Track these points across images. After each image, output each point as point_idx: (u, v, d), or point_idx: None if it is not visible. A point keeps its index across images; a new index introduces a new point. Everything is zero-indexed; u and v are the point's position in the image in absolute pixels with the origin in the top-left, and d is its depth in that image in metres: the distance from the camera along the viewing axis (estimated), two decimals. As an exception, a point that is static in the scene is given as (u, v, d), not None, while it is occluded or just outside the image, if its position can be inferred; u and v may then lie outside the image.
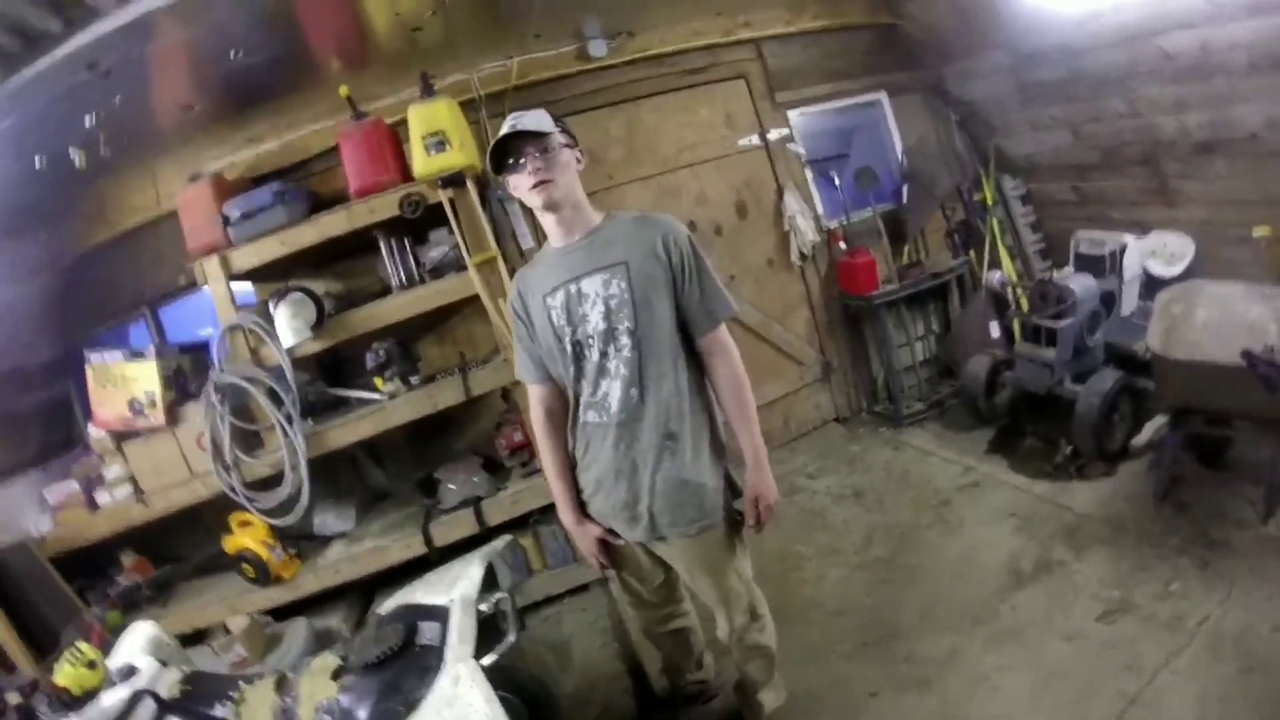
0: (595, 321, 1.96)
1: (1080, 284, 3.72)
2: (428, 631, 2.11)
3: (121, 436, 3.46)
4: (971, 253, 4.92)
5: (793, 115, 4.72)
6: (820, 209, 4.80)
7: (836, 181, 4.72)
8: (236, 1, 2.58)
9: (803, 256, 4.71)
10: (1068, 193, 4.77)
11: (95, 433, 3.49)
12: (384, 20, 3.18)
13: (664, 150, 4.48)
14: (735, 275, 4.61)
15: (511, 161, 1.92)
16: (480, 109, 3.87)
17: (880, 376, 4.94)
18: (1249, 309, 2.93)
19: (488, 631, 2.18)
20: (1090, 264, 3.97)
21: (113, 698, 2.00)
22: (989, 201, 4.91)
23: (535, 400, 2.18)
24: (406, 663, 2.03)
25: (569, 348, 2.00)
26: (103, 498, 3.49)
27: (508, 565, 3.58)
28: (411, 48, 3.45)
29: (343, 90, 3.34)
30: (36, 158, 2.96)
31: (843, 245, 4.71)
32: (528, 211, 3.77)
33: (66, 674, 2.04)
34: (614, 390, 1.99)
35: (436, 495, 3.68)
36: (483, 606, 2.26)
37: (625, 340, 1.95)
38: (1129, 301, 3.99)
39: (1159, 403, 3.34)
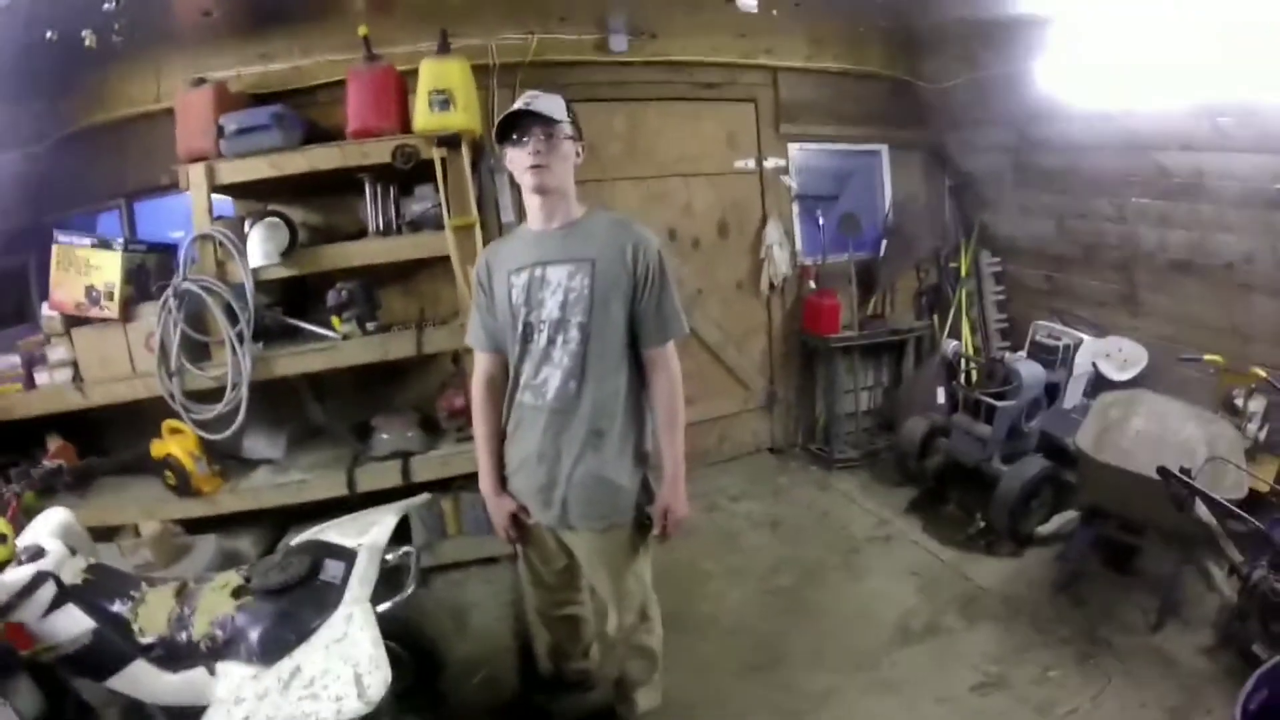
0: (550, 308, 2.06)
1: (1028, 369, 3.88)
2: (332, 569, 2.18)
3: (73, 321, 3.45)
4: (936, 317, 5.12)
5: (793, 148, 4.88)
6: (799, 244, 4.97)
7: (820, 221, 4.90)
8: None
9: (771, 286, 4.87)
10: (1041, 280, 4.98)
11: (47, 312, 3.47)
12: None
13: (661, 155, 4.60)
14: (704, 290, 4.75)
15: (516, 137, 2.01)
16: (492, 77, 3.95)
17: (822, 417, 5.10)
18: (1183, 428, 3.09)
19: (390, 581, 2.28)
20: (1043, 353, 4.16)
21: (16, 575, 2.03)
22: (964, 272, 5.11)
23: (480, 368, 2.29)
24: (306, 595, 2.10)
25: (520, 327, 2.10)
26: (41, 377, 3.48)
27: (424, 523, 3.73)
28: (438, 2, 3.56)
29: (361, 29, 3.40)
30: (49, 31, 2.99)
31: (812, 284, 4.88)
32: (514, 186, 3.82)
33: None
34: (553, 378, 2.09)
35: (369, 442, 3.75)
36: (389, 557, 2.35)
37: (575, 333, 2.06)
38: (1072, 396, 4.18)
39: (1079, 498, 3.47)
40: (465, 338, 2.36)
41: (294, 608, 2.06)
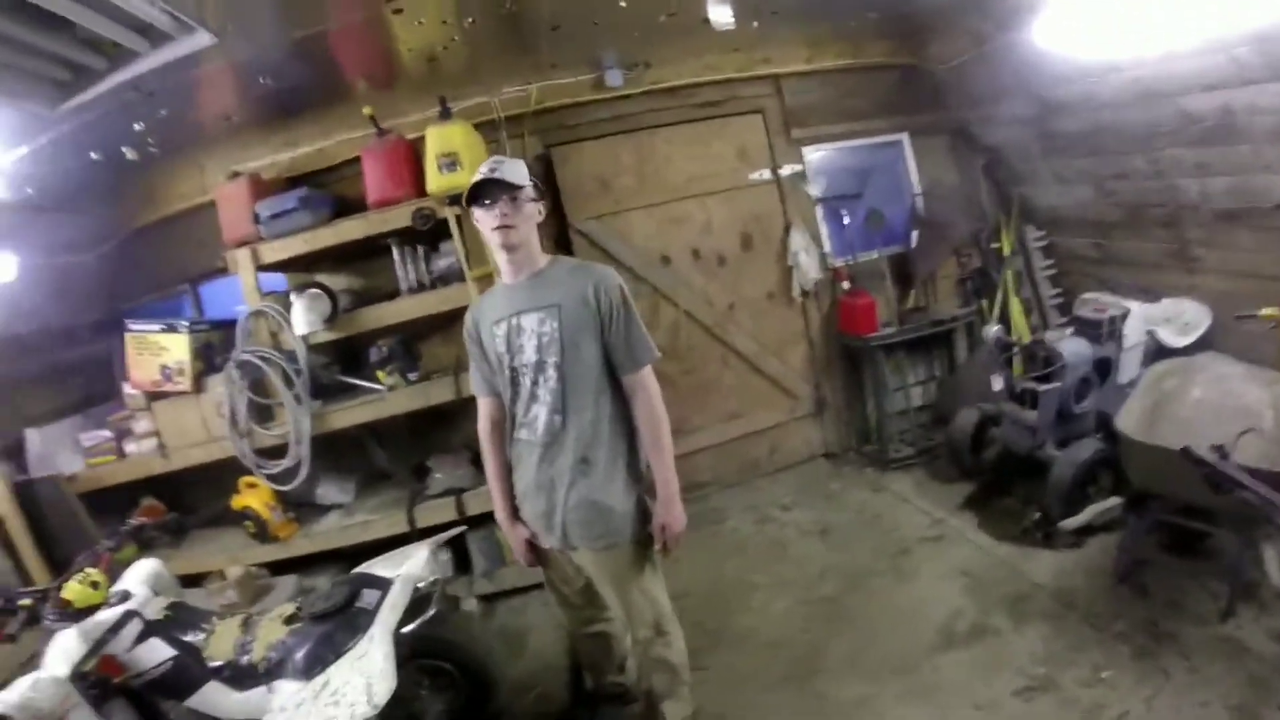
0: (529, 353, 2.38)
1: (1071, 348, 3.81)
2: (369, 597, 2.59)
3: (152, 396, 4.07)
4: (984, 302, 5.12)
5: (808, 152, 5.02)
6: (827, 246, 5.08)
7: (846, 220, 5.02)
8: (266, 40, 3.09)
9: (803, 293, 5.01)
10: (1090, 249, 4.90)
11: (129, 390, 4.11)
12: (406, 50, 3.63)
13: (673, 180, 4.84)
14: (734, 305, 4.96)
15: (483, 200, 2.34)
16: (500, 130, 4.33)
17: (873, 417, 5.18)
18: (1246, 391, 2.97)
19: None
20: (1088, 327, 4.07)
21: (107, 614, 2.51)
22: (1005, 251, 5.09)
23: (483, 412, 2.64)
24: (345, 620, 2.51)
25: (507, 373, 2.44)
26: (130, 448, 4.12)
27: (482, 553, 4.09)
28: (436, 71, 3.90)
29: (366, 110, 3.84)
30: (93, 154, 3.56)
31: (845, 284, 4.98)
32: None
33: (73, 590, 2.51)
34: (541, 414, 2.40)
35: (426, 481, 4.17)
36: (421, 585, 2.70)
37: (552, 373, 2.36)
38: (1130, 370, 4.03)
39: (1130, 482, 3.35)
40: (470, 387, 2.70)
41: (334, 631, 2.49)
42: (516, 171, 2.34)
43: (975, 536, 3.92)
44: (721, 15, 3.98)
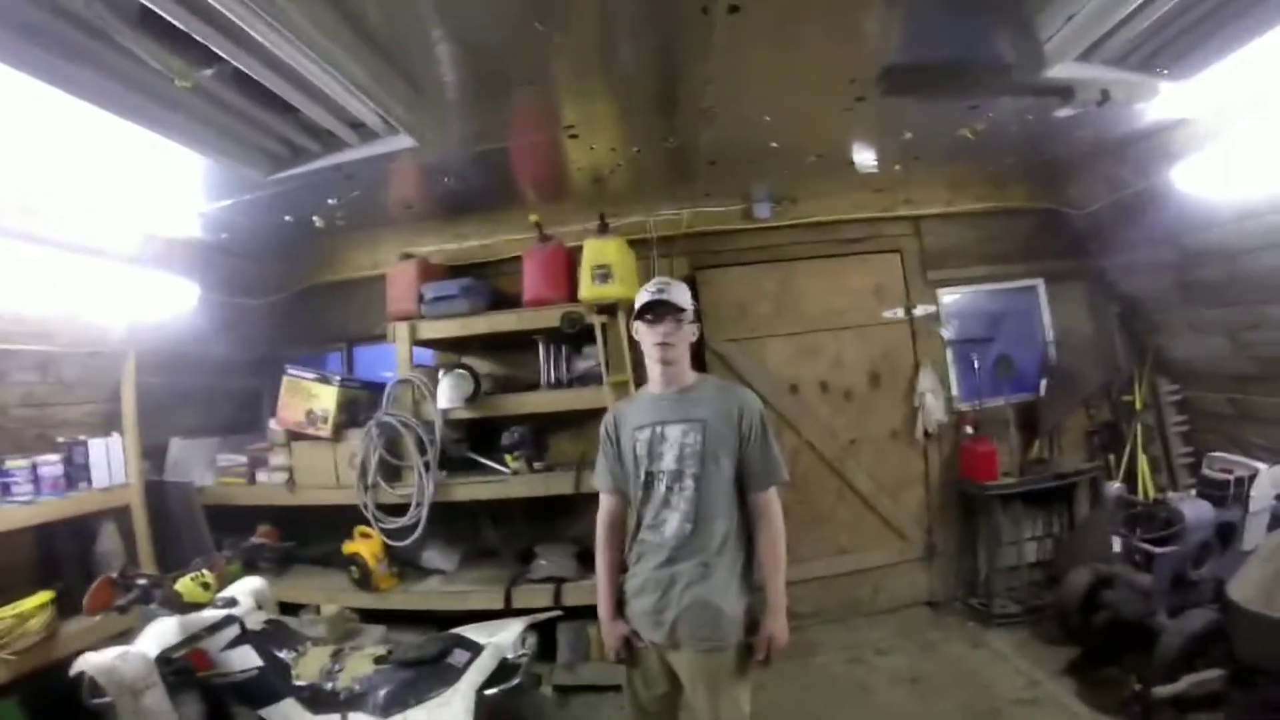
0: (669, 461, 2.74)
1: (1192, 509, 3.93)
2: (459, 656, 3.10)
3: (293, 436, 4.83)
4: (1111, 457, 5.34)
5: (943, 293, 5.50)
6: (955, 390, 5.49)
7: (976, 365, 5.40)
8: (456, 148, 3.84)
9: (927, 434, 5.39)
10: (1225, 405, 5.02)
11: (274, 426, 4.89)
12: (576, 168, 4.33)
13: (810, 311, 5.42)
14: (857, 440, 5.40)
15: (649, 317, 2.77)
16: (652, 249, 5.06)
17: (983, 570, 5.40)
18: None
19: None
20: (1212, 488, 4.17)
21: (210, 613, 3.03)
22: (1138, 405, 5.30)
23: (604, 507, 2.99)
24: (432, 671, 3.02)
25: (643, 476, 2.78)
26: (261, 476, 4.91)
27: (569, 645, 4.61)
28: (599, 189, 4.62)
29: (533, 217, 4.62)
30: (286, 216, 4.39)
31: (969, 430, 5.32)
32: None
33: (184, 585, 3.05)
34: (672, 519, 2.73)
35: (530, 566, 4.72)
36: (509, 656, 3.21)
37: (689, 483, 2.71)
38: (1254, 535, 4.04)
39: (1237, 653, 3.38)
40: (593, 481, 3.14)
41: (419, 679, 3.00)
42: (682, 295, 2.79)
43: (1071, 703, 4.01)
44: (865, 158, 4.59)
